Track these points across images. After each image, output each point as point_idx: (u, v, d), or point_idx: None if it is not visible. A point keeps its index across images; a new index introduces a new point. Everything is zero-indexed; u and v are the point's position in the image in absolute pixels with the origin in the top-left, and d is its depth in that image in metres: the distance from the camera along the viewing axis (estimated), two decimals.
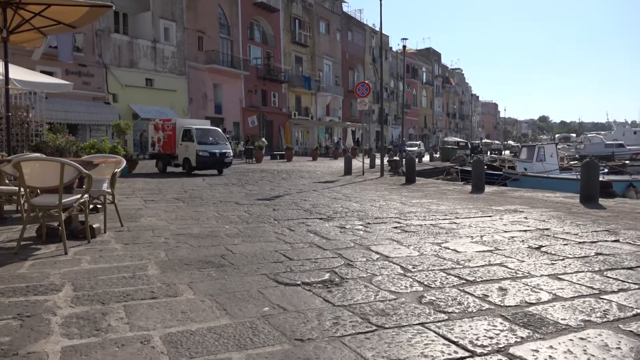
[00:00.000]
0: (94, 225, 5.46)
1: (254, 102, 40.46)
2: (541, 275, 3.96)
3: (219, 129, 20.39)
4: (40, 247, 4.89)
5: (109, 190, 5.88)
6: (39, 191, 5.11)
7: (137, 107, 29.02)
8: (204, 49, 35.18)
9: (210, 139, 18.48)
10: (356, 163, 22.83)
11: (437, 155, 43.71)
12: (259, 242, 5.33)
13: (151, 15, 31.13)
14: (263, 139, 32.45)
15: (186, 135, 18.25)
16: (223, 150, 18.46)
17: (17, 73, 9.87)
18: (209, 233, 5.84)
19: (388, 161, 22.20)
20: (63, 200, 4.70)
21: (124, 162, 6.28)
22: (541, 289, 3.59)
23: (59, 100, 23.18)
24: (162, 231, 5.93)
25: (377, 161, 24.81)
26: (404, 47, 42.07)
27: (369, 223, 6.70)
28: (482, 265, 4.29)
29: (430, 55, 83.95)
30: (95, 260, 4.40)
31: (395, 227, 6.33)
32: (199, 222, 6.66)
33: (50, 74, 21.86)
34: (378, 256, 4.64)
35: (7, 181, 6.51)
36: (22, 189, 5.13)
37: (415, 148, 42.02)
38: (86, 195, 5.07)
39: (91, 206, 6.31)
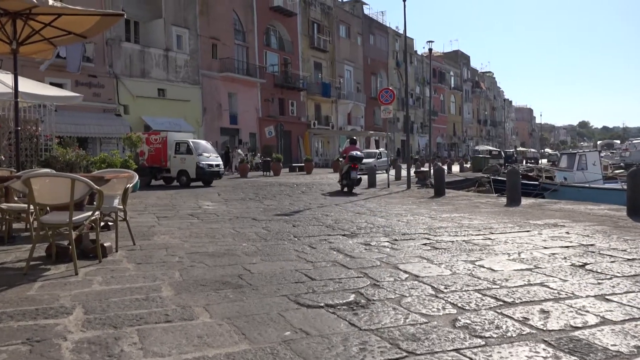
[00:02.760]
0: (105, 244, 5.52)
1: (271, 112, 40.79)
2: (587, 296, 3.87)
3: (207, 142, 22.22)
4: (50, 267, 4.96)
5: (121, 207, 5.96)
6: (48, 209, 5.21)
7: (149, 119, 29.50)
8: (218, 56, 35.69)
9: (205, 151, 20.06)
10: (380, 175, 22.76)
11: (468, 166, 43.30)
12: (279, 260, 5.32)
13: (163, 23, 31.76)
14: (239, 151, 32.16)
15: (180, 148, 19.69)
16: (217, 162, 20.30)
17: (26, 85, 10.15)
18: (226, 251, 5.85)
19: (415, 172, 22.07)
20: (73, 218, 4.78)
21: (136, 177, 6.37)
22: (587, 312, 3.50)
23: (69, 113, 23.73)
24: (176, 250, 5.97)
25: (403, 172, 24.70)
26: (430, 50, 41.97)
27: (396, 240, 6.65)
28: (521, 285, 4.20)
29: (458, 58, 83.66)
30: (107, 281, 4.45)
31: (425, 244, 6.26)
32: (215, 240, 6.69)
33: (59, 85, 22.45)
34: (407, 275, 4.59)
35: (15, 198, 6.65)
36: (31, 207, 5.23)
37: (372, 160, 30.94)
38: (97, 213, 5.14)
39: (102, 224, 6.40)
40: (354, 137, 28.60)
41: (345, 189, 15.85)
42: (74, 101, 11.94)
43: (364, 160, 27.11)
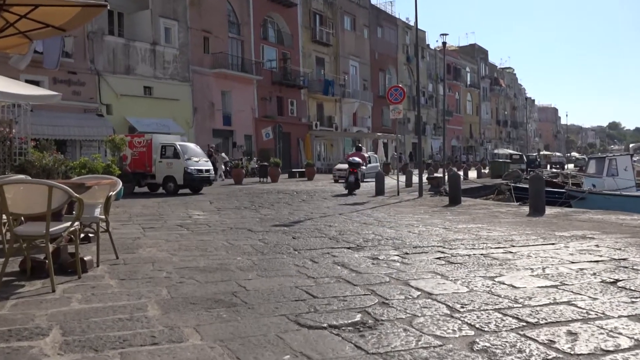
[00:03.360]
0: (85, 258, 5.53)
1: (268, 112, 40.91)
2: (619, 316, 3.85)
3: (196, 145, 22.24)
4: (25, 283, 4.97)
5: (103, 217, 5.97)
6: (22, 219, 5.22)
7: (134, 120, 29.60)
8: (211, 51, 35.85)
9: (194, 155, 20.17)
10: (389, 181, 22.76)
11: (486, 171, 43.31)
12: (277, 276, 5.32)
13: (150, 14, 31.94)
14: (222, 154, 31.39)
15: (166, 151, 19.69)
16: (207, 167, 20.37)
17: None
18: (218, 266, 5.86)
19: (428, 179, 22.08)
20: (51, 229, 4.78)
21: (120, 184, 6.39)
22: (620, 333, 3.49)
23: (46, 113, 23.82)
24: (163, 264, 5.98)
25: (415, 179, 24.70)
26: (444, 43, 42.08)
27: (406, 253, 6.65)
28: (545, 304, 4.19)
29: (475, 52, 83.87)
30: (87, 299, 4.45)
31: (439, 258, 6.26)
32: (206, 253, 6.69)
33: (36, 83, 22.53)
34: (419, 293, 4.58)
35: None
36: (4, 217, 5.24)
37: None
38: (77, 223, 5.15)
39: (82, 235, 6.41)
40: (359, 144, 30.10)
41: (346, 191, 18.98)
42: (51, 100, 11.97)
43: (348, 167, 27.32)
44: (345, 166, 26.93)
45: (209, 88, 35.71)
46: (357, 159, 20.02)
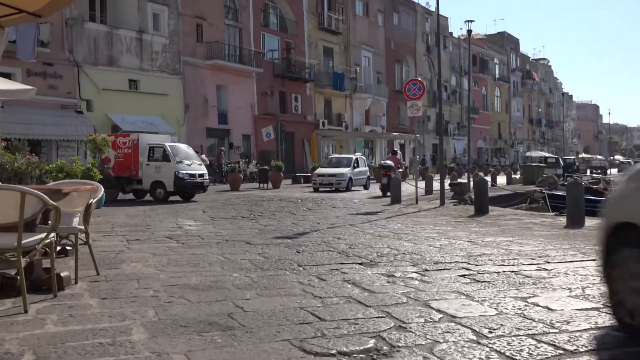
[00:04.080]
0: (62, 274, 5.54)
1: (269, 109, 40.99)
2: None
3: (188, 146, 22.39)
4: None
5: (82, 227, 5.98)
6: None
7: (117, 117, 29.73)
8: (205, 39, 36.00)
9: (185, 157, 20.24)
10: (407, 187, 22.72)
11: (517, 176, 43.19)
12: (279, 295, 5.32)
13: None
14: (203, 156, 28.60)
15: (155, 153, 19.75)
16: (201, 172, 20.46)
17: None
18: (212, 284, 5.86)
19: (450, 185, 22.03)
20: (23, 241, 4.79)
21: (102, 190, 6.40)
22: None
23: (18, 110, 23.93)
24: (150, 281, 5.98)
25: (436, 185, 24.65)
26: (469, 31, 41.93)
27: (426, 270, 6.63)
28: (586, 329, 4.17)
29: (504, 41, 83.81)
30: (64, 320, 4.45)
31: (463, 276, 6.25)
32: (199, 269, 6.70)
33: (7, 76, 22.64)
34: (440, 316, 4.56)
35: None
36: None
37: (346, 170, 27.81)
38: (53, 234, 5.16)
39: (59, 248, 6.43)
40: (395, 149, 32.59)
41: (381, 194, 22.10)
42: (25, 95, 12.04)
43: (333, 172, 27.29)
44: (331, 171, 27.38)
45: (202, 82, 35.84)
46: (389, 162, 23.43)
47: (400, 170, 26.38)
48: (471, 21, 41.01)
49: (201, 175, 20.30)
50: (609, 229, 4.23)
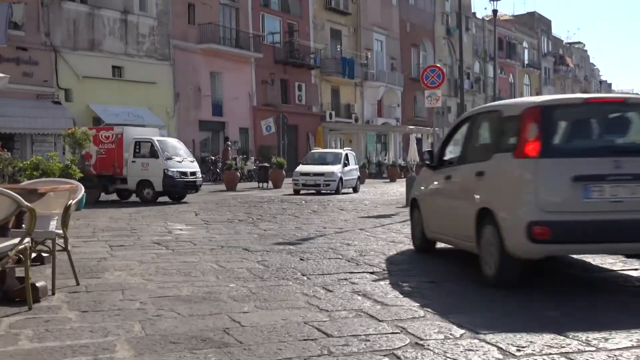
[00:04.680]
0: (37, 284, 5.53)
1: (269, 99, 40.97)
2: None
3: (179, 141, 22.47)
4: None
5: (60, 232, 5.98)
6: None
7: (99, 109, 29.75)
8: (197, 21, 36.00)
9: (176, 154, 20.23)
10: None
11: None
12: (281, 308, 5.32)
13: None
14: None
15: (141, 149, 19.75)
16: (193, 170, 20.47)
17: None
18: (206, 295, 5.86)
19: None
20: None
21: (82, 190, 6.40)
22: None
23: None
24: (136, 292, 5.98)
25: None
26: (495, 11, 42.01)
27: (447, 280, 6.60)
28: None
29: (534, 23, 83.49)
30: (40, 336, 4.45)
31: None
32: (191, 279, 6.69)
33: None
34: (462, 331, 4.55)
35: None
36: None
37: (335, 167, 25.91)
38: (27, 240, 5.16)
39: (34, 255, 6.43)
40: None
41: None
42: None
43: (320, 170, 24.71)
44: (317, 169, 24.75)
45: (194, 69, 35.85)
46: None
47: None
48: (497, 0, 40.95)
49: (193, 174, 20.31)
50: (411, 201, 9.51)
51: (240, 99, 38.98)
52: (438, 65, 18.15)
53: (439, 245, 8.68)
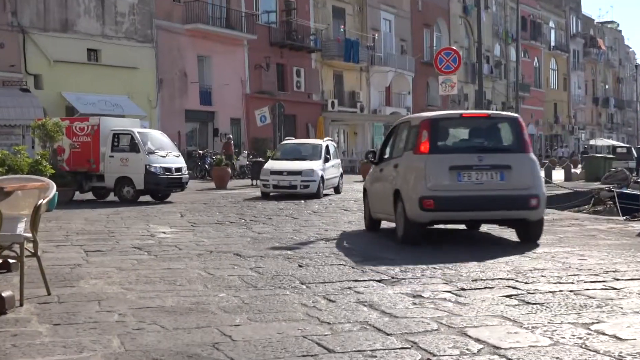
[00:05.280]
0: (3, 294, 5.54)
1: (264, 86, 40.95)
2: None
3: (162, 133, 22.45)
4: None
5: (29, 235, 5.98)
6: None
7: (73, 97, 29.76)
8: None
9: (159, 147, 20.20)
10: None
11: (578, 171, 43.09)
12: (277, 321, 5.32)
13: None
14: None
15: (120, 142, 19.77)
16: (179, 165, 20.46)
17: None
18: (193, 306, 5.86)
19: None
20: None
21: (54, 189, 6.40)
22: None
23: None
24: (114, 303, 5.98)
25: None
26: None
27: (462, 289, 6.62)
28: None
29: (562, 1, 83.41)
30: (6, 352, 4.45)
31: (509, 296, 6.23)
32: (176, 288, 6.71)
33: None
34: (480, 346, 4.55)
35: None
36: None
37: (315, 163, 22.73)
38: None
39: (0, 261, 6.44)
40: None
41: None
42: None
43: (296, 167, 21.81)
44: (291, 166, 22.08)
45: (180, 52, 35.86)
46: None
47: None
48: None
49: (178, 170, 20.33)
50: (363, 190, 13.33)
51: (232, 86, 38.96)
52: (454, 47, 18.12)
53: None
